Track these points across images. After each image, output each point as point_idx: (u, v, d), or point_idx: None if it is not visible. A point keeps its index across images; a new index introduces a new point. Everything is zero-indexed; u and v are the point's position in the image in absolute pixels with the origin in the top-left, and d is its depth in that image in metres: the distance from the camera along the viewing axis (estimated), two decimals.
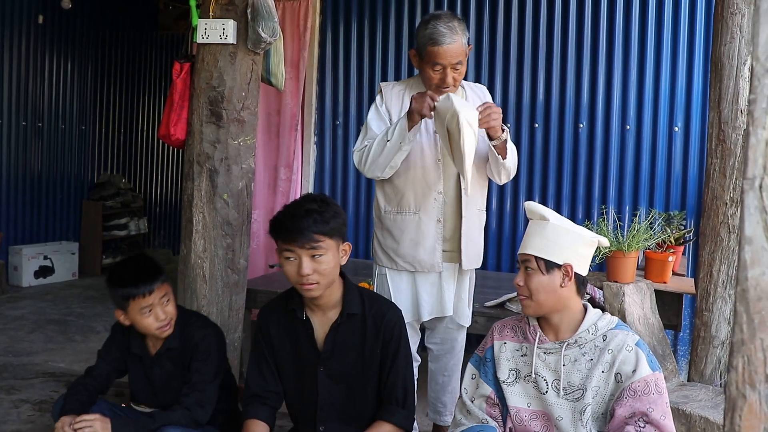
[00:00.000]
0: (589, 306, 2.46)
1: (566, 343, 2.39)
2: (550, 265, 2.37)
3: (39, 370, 4.75)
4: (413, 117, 3.06)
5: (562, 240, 2.38)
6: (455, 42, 3.12)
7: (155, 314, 2.87)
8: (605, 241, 2.48)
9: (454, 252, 3.33)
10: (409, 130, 3.08)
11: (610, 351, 2.34)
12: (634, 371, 2.27)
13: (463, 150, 2.90)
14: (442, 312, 3.38)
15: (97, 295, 7.22)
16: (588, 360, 2.36)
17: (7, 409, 4.01)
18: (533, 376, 2.43)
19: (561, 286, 2.37)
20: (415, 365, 3.52)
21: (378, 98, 3.37)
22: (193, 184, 3.57)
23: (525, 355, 2.48)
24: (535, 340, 2.44)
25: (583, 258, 2.41)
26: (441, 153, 3.27)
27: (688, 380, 3.54)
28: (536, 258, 2.38)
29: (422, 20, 3.21)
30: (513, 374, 2.49)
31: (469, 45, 3.22)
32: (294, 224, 2.56)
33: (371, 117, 3.34)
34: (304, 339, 2.78)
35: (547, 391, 2.41)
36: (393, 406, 2.76)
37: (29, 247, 7.57)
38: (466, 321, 3.54)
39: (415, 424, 3.53)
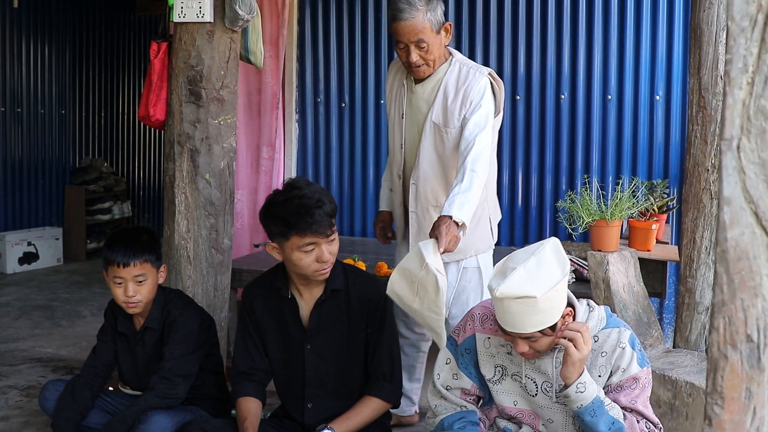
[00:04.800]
0: (575, 303, 2.31)
1: (557, 349, 2.28)
2: (554, 326, 2.19)
3: (26, 356, 4.73)
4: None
5: (557, 299, 2.17)
6: (414, 18, 2.88)
7: (125, 287, 2.87)
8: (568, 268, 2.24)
9: None
10: None
11: (604, 354, 2.26)
12: (625, 369, 2.24)
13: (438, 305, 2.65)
14: None
15: (82, 280, 7.18)
16: None
17: None
18: (523, 379, 2.35)
19: (563, 325, 2.23)
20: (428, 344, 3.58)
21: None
22: (174, 164, 3.54)
23: (510, 353, 2.37)
24: None
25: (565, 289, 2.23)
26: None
27: (674, 347, 3.57)
28: (540, 331, 2.18)
29: None
30: (499, 371, 2.40)
31: (445, 22, 3.00)
32: (319, 217, 2.55)
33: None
34: (290, 317, 2.77)
35: (536, 394, 2.34)
36: (380, 381, 2.75)
37: (12, 233, 7.51)
38: None
39: (417, 399, 3.56)
